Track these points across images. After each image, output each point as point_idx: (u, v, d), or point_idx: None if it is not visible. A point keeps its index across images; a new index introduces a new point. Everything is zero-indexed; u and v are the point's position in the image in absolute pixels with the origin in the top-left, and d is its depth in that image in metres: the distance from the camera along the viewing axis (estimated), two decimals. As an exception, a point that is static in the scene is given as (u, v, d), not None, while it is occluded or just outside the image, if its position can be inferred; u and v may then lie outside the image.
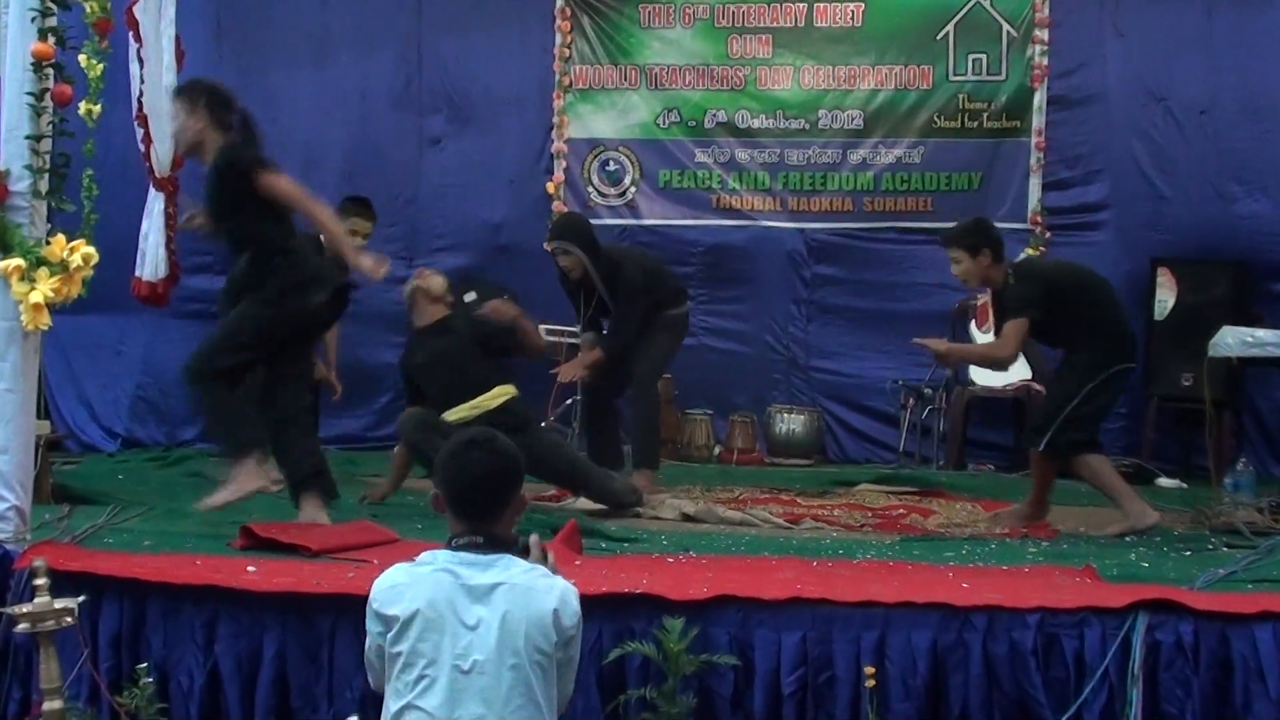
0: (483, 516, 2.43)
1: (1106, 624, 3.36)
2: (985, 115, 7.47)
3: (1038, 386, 6.91)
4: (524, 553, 2.44)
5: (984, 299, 7.17)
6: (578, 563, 3.89)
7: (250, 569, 3.68)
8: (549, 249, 5.85)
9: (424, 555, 2.46)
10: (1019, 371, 6.91)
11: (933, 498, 5.89)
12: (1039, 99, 7.41)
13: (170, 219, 5.73)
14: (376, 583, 2.43)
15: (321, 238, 5.00)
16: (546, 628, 2.37)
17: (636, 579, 3.58)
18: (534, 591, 2.39)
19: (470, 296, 7.57)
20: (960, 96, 7.49)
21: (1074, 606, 3.39)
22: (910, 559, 4.23)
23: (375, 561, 3.86)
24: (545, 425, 7.18)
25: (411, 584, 2.38)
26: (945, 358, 5.40)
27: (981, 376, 6.97)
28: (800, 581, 3.62)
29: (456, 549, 2.42)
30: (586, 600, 3.39)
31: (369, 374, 7.56)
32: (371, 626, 2.41)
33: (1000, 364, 5.15)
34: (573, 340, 7.16)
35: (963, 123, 7.49)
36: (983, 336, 7.02)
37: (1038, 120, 7.40)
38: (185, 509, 4.92)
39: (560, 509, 4.94)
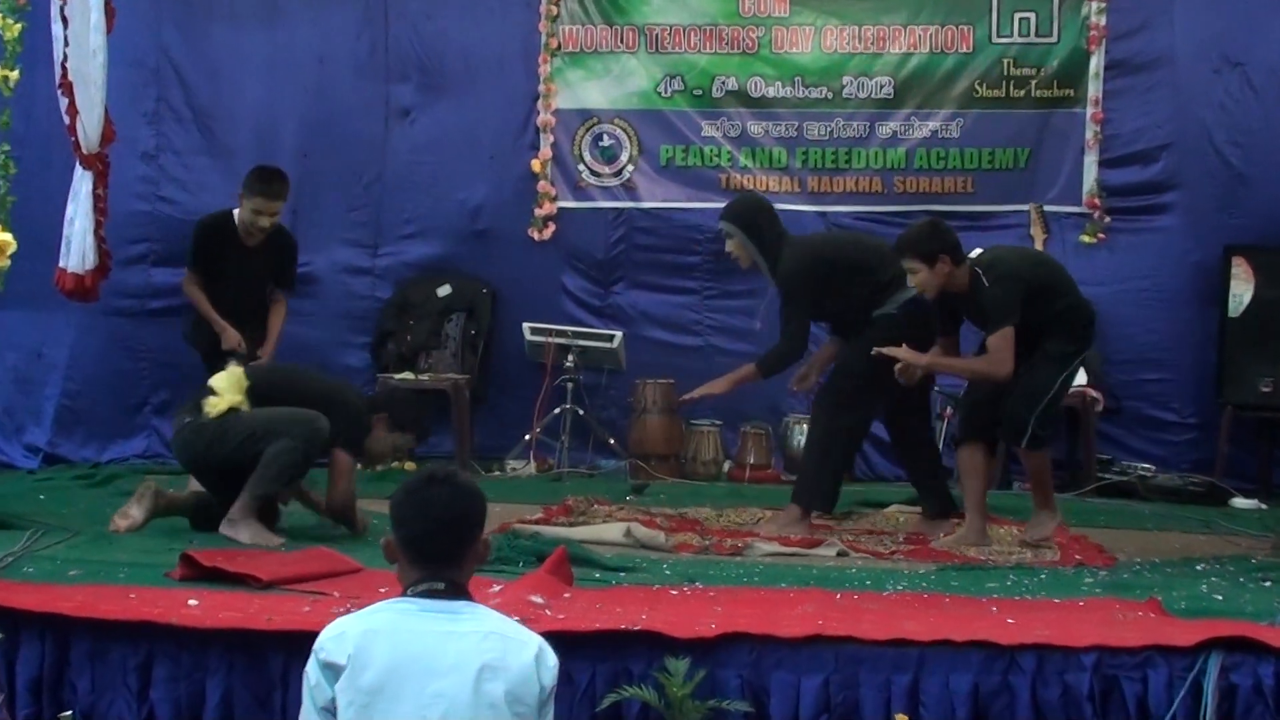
0: (443, 561, 2.45)
1: (1174, 665, 3.36)
2: (1034, 83, 7.48)
3: (1094, 393, 6.91)
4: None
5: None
6: (567, 595, 3.89)
7: (191, 602, 3.68)
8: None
9: (377, 604, 2.47)
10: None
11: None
12: (1095, 64, 7.42)
13: (99, 201, 5.73)
14: (323, 633, 2.43)
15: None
16: (529, 681, 2.37)
17: (635, 614, 3.58)
18: (511, 641, 2.39)
19: (444, 290, 7.60)
20: (1005, 61, 7.50)
21: (1136, 645, 3.39)
22: (948, 590, 4.23)
23: (336, 594, 3.86)
24: (528, 438, 7.19)
25: (365, 633, 2.38)
26: (911, 372, 5.19)
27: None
28: (822, 617, 3.61)
29: (415, 596, 2.44)
30: (578, 638, 3.40)
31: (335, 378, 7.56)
32: (315, 679, 2.39)
33: (997, 382, 5.09)
34: (561, 340, 7.17)
35: (1008, 91, 7.51)
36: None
37: (1094, 88, 7.42)
38: (117, 534, 4.92)
39: (542, 534, 4.94)
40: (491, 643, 2.38)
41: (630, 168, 7.70)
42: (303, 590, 3.95)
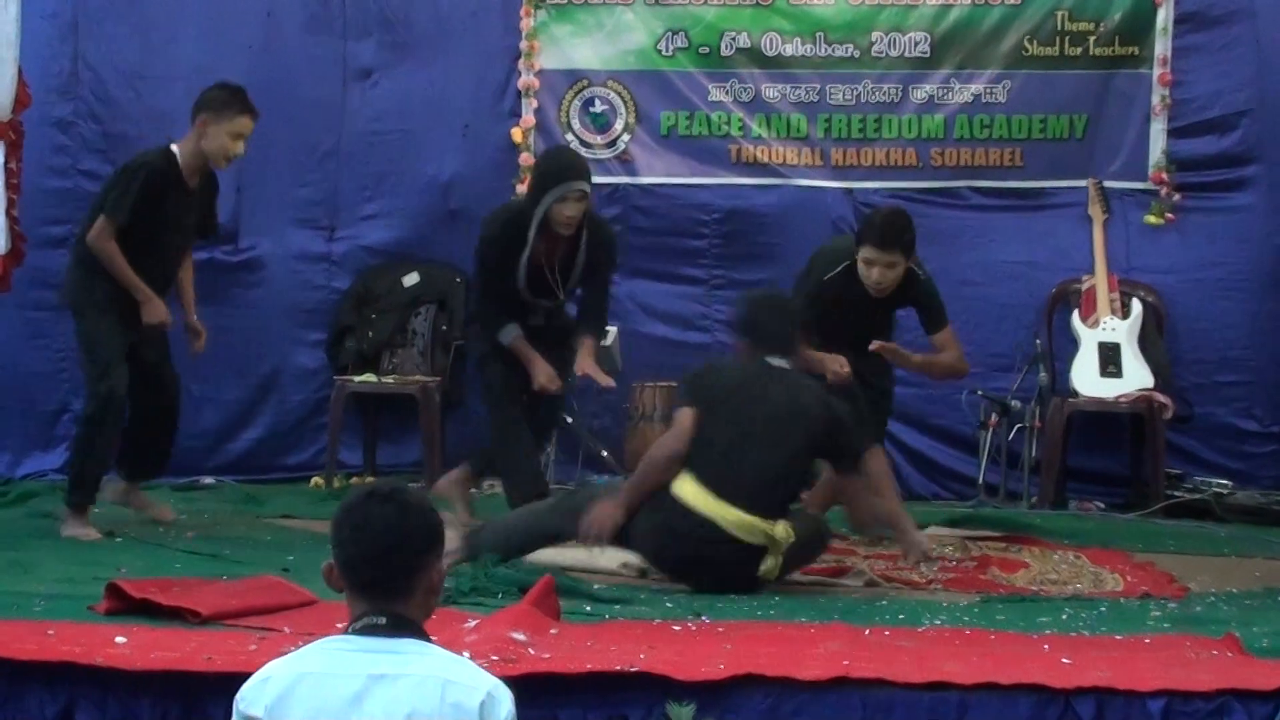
0: (386, 592, 2.43)
1: (1254, 712, 3.37)
2: (1093, 40, 7.50)
3: (1161, 398, 6.92)
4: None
5: (1089, 282, 7.19)
6: (554, 630, 3.90)
7: (119, 640, 3.68)
8: (572, 194, 5.67)
9: (311, 644, 2.45)
10: (1137, 377, 6.94)
11: (1023, 545, 5.90)
12: (1164, 17, 7.43)
13: (11, 177, 5.73)
14: (249, 679, 2.42)
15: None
16: None
17: (632, 652, 3.58)
18: (453, 687, 2.35)
19: (411, 279, 7.59)
20: (1059, 15, 7.51)
21: (1211, 689, 3.40)
22: (993, 626, 4.23)
23: (287, 630, 3.86)
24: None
25: (293, 678, 2.37)
26: (842, 376, 5.63)
27: (1086, 384, 7.00)
28: (848, 656, 3.62)
29: (354, 633, 2.43)
30: (566, 681, 3.41)
31: (283, 383, 7.58)
32: None
33: (963, 375, 5.86)
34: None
35: (1063, 49, 7.52)
36: (1089, 332, 7.04)
37: (1162, 46, 7.43)
38: (33, 561, 4.92)
39: (525, 561, 4.94)
40: (428, 689, 2.34)
41: (626, 138, 7.70)
42: (248, 626, 3.95)
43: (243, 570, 4.80)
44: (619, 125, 7.70)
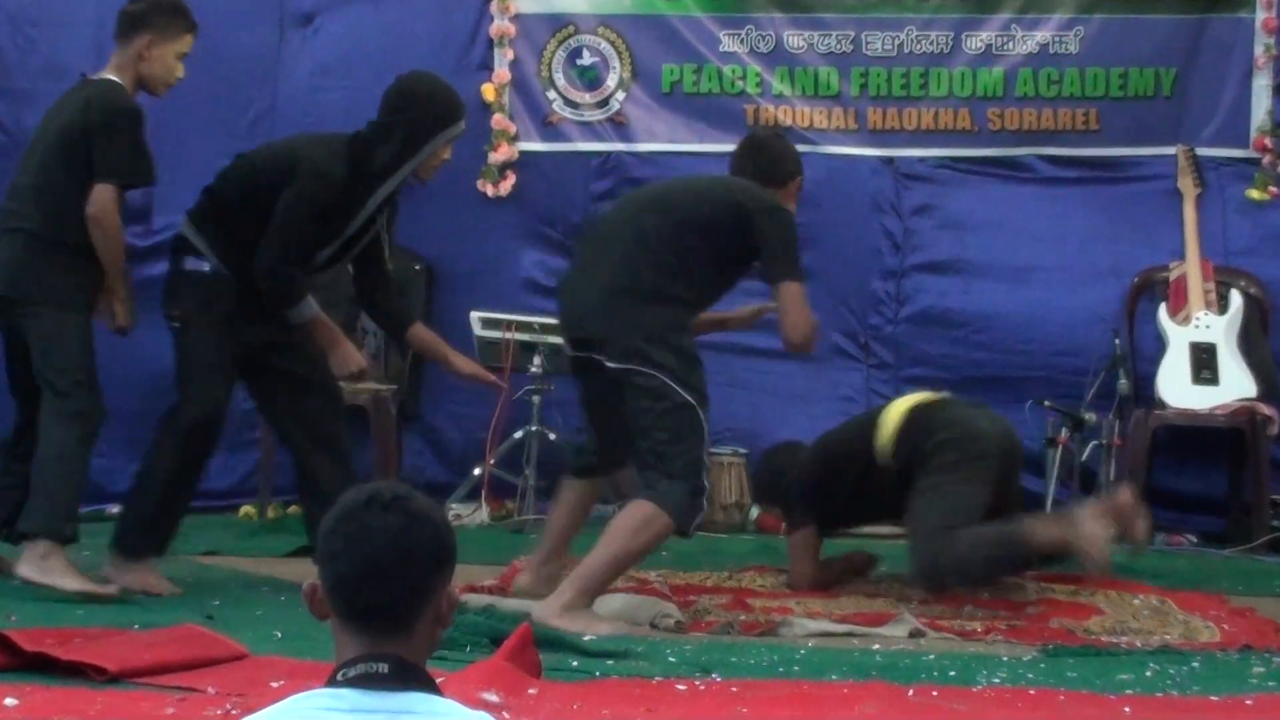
0: (385, 623, 2.38)
1: (1377, 787, 3.37)
2: (1182, -22, 7.52)
3: (1266, 410, 6.92)
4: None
5: (1178, 270, 7.19)
6: (533, 690, 3.89)
7: (9, 702, 3.68)
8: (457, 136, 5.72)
9: (290, 700, 2.40)
10: (1237, 385, 6.93)
11: (1098, 587, 5.90)
12: (1269, -49, 7.46)
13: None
14: None
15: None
16: None
17: (628, 716, 3.57)
18: None
19: (360, 267, 7.59)
20: (1142, -53, 7.54)
21: (1325, 760, 3.40)
22: (1063, 685, 4.22)
23: (211, 689, 3.86)
24: (479, 473, 7.20)
25: None
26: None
27: (1176, 392, 6.99)
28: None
29: (346, 684, 2.38)
30: (548, 751, 3.40)
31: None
32: None
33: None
34: (525, 336, 7.18)
35: (1146, -11, 7.55)
36: (1179, 330, 7.04)
37: (1266, -14, 7.46)
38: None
39: (499, 607, 4.95)
40: None
41: (620, 96, 7.72)
42: (164, 685, 3.94)
43: (157, 618, 4.79)
44: (612, 81, 7.70)
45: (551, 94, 7.70)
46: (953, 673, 4.37)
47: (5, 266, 5.46)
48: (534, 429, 7.14)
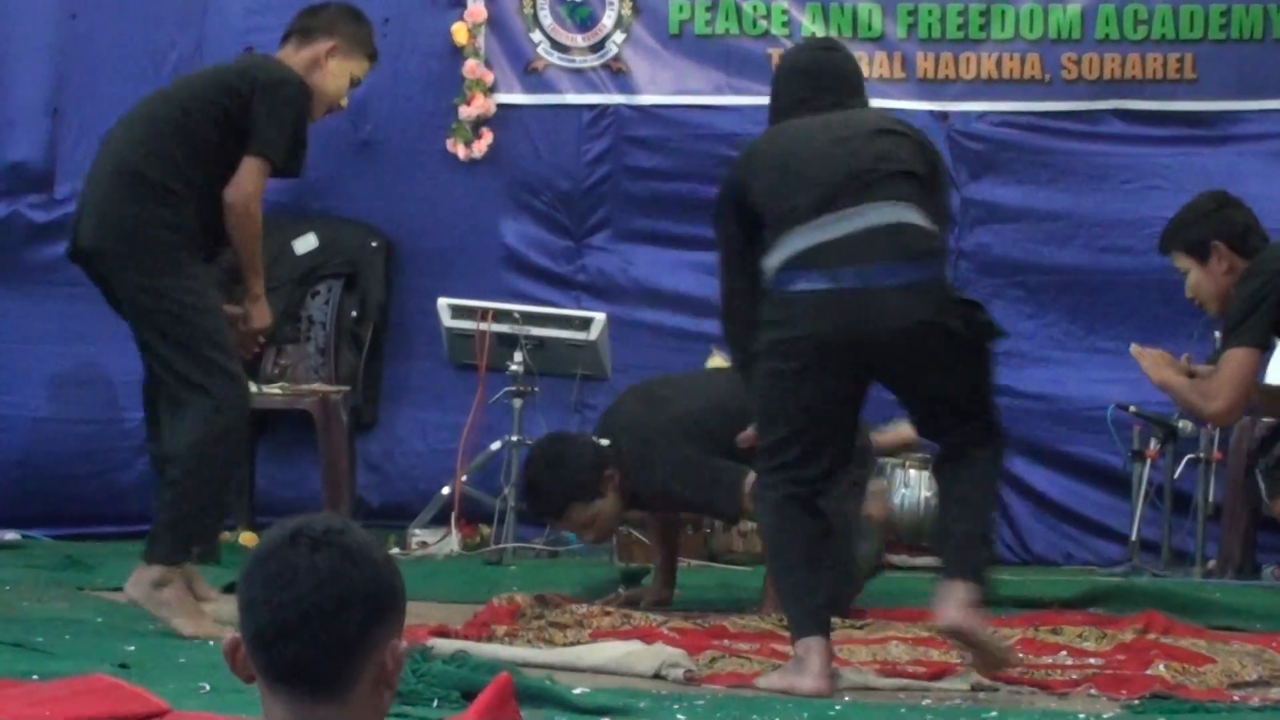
0: (318, 683, 2.38)
1: None
2: (1297, -106, 7.55)
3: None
4: None
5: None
6: (515, 752, 3.92)
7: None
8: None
9: None
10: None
11: (1196, 633, 5.91)
12: None
13: None
14: None
15: None
16: None
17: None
18: None
19: (306, 244, 7.61)
20: None
21: None
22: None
23: (126, 753, 3.88)
24: (448, 492, 7.21)
25: None
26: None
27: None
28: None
29: None
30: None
31: (115, 393, 7.63)
32: None
33: (1207, 419, 5.75)
34: (504, 328, 7.17)
35: (1253, -91, 7.57)
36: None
37: (1398, -96, 7.48)
38: None
39: (472, 653, 4.97)
40: None
41: (618, 38, 7.74)
42: (73, 746, 3.97)
43: (61, 666, 4.81)
44: (608, 20, 7.72)
45: (536, 35, 7.72)
46: (1022, 731, 4.39)
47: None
48: (514, 439, 7.14)
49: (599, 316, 7.26)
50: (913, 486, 7.18)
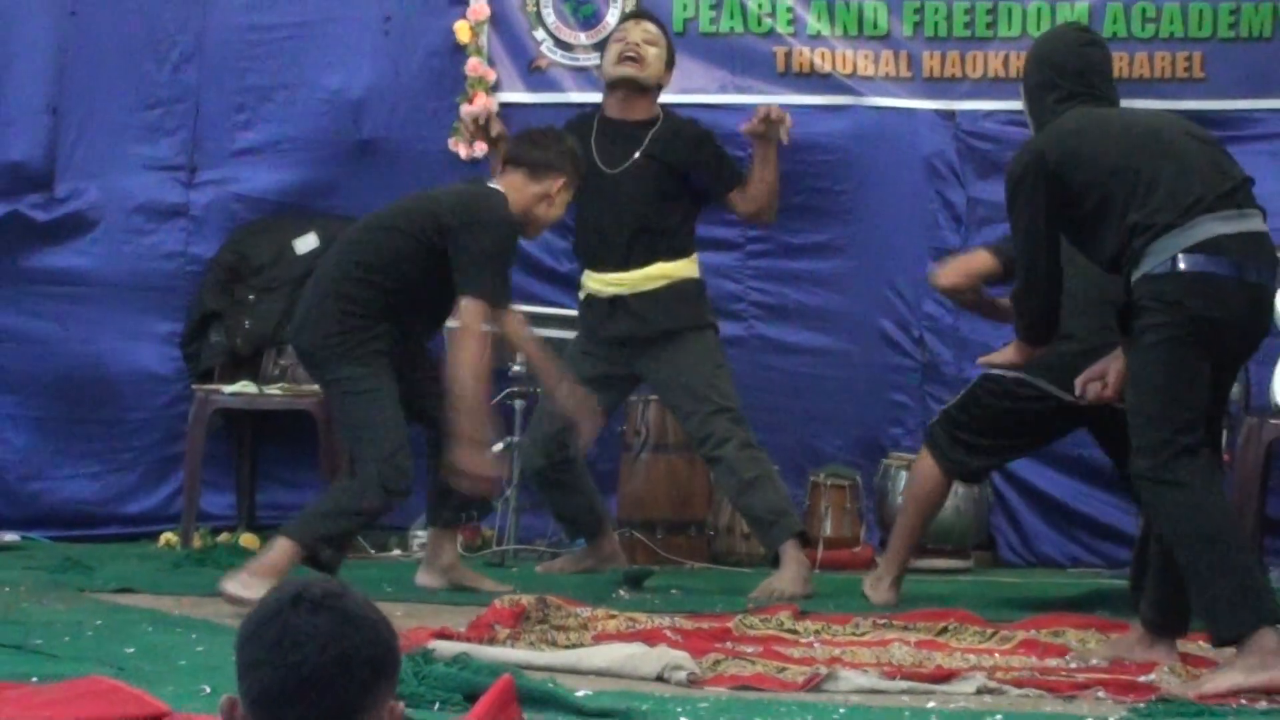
0: None
1: None
2: (1307, -109, 7.53)
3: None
4: None
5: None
6: (516, 757, 3.90)
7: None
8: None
9: None
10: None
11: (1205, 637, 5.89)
12: None
13: None
14: None
15: None
16: None
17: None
18: None
19: (307, 244, 7.60)
20: None
21: None
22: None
23: (125, 756, 3.87)
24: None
25: None
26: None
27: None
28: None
29: None
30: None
31: (118, 395, 7.62)
32: None
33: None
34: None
35: (1262, -94, 7.56)
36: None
37: None
38: None
39: (474, 656, 4.95)
40: None
41: (623, 36, 7.72)
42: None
43: (61, 669, 4.80)
44: (612, 18, 7.70)
45: (539, 33, 7.72)
46: (1030, 734, 4.38)
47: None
48: (515, 440, 7.14)
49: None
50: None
